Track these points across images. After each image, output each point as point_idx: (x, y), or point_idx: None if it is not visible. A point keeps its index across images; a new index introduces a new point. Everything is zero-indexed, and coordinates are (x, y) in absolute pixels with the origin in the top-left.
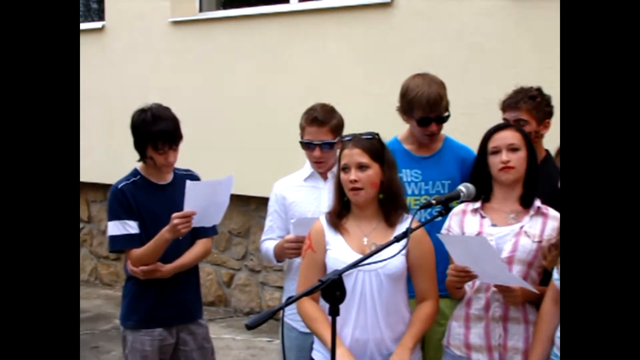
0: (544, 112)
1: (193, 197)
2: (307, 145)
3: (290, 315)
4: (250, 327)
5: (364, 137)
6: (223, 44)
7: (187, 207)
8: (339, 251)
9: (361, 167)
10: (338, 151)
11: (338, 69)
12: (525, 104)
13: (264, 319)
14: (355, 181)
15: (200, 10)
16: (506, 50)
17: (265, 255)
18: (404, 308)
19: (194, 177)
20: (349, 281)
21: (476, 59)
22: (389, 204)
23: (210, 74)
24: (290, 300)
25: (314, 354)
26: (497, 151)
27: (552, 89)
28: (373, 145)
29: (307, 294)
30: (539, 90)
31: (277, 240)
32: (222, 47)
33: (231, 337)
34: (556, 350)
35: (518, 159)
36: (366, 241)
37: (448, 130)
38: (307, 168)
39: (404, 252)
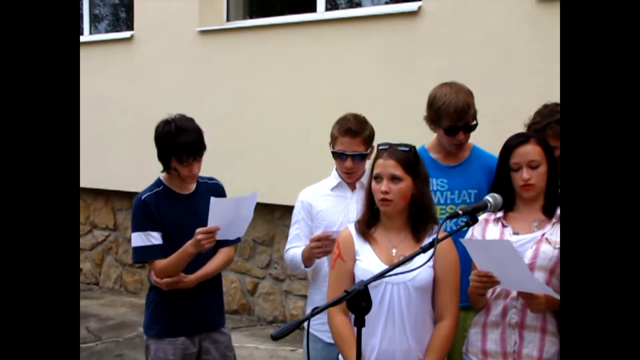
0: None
1: (217, 213)
2: (339, 156)
3: (316, 326)
4: (275, 338)
5: (400, 148)
6: (250, 53)
7: (211, 223)
8: (368, 262)
9: (394, 178)
10: (370, 160)
11: (365, 78)
12: (552, 130)
13: (289, 330)
14: (386, 192)
15: (228, 19)
16: (533, 57)
17: (292, 262)
18: (430, 319)
19: (217, 185)
20: (377, 293)
21: (503, 66)
22: (419, 217)
23: (238, 83)
24: (316, 311)
25: None
26: (518, 168)
27: None
28: (408, 158)
29: (333, 304)
30: (557, 104)
31: (300, 247)
32: (249, 57)
33: (254, 346)
34: None
35: (538, 175)
36: (394, 252)
37: (475, 138)
38: (334, 177)
39: (431, 263)
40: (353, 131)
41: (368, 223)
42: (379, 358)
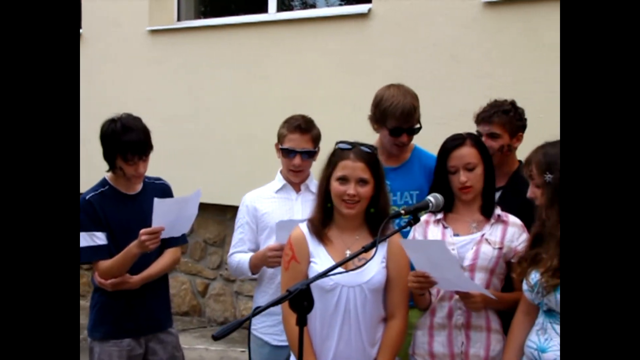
0: (516, 125)
1: (161, 213)
2: (287, 153)
3: (263, 329)
4: (216, 338)
5: (364, 149)
6: (201, 54)
7: (155, 223)
8: (323, 264)
9: (362, 181)
10: (317, 159)
11: (315, 79)
12: (499, 118)
13: (231, 330)
14: (354, 196)
15: (179, 19)
16: (480, 60)
17: (237, 268)
18: (382, 319)
19: (164, 186)
20: (333, 296)
21: (451, 69)
22: (377, 218)
23: (188, 84)
24: (258, 311)
25: None
26: (455, 171)
27: (526, 100)
28: (373, 160)
29: (275, 304)
30: (512, 104)
31: (248, 252)
32: (200, 57)
33: (204, 347)
34: None
35: (475, 177)
36: (348, 253)
37: (423, 140)
38: (279, 180)
39: (384, 264)
40: (302, 128)
41: (323, 222)
42: (337, 358)
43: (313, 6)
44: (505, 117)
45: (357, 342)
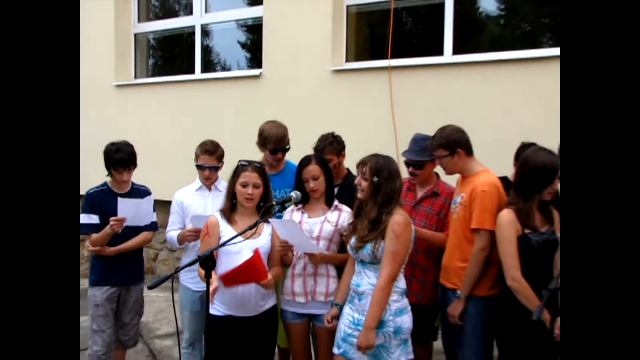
0: (338, 149)
1: (122, 209)
2: (200, 167)
3: (187, 280)
4: (150, 287)
5: (256, 164)
6: (151, 101)
7: (120, 214)
8: (229, 236)
9: (256, 185)
10: (223, 170)
11: (224, 116)
12: (327, 148)
13: (160, 282)
14: (251, 194)
15: (135, 77)
16: (329, 107)
17: (170, 241)
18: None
19: (146, 191)
20: (240, 257)
21: (311, 112)
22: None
23: (143, 122)
24: (178, 269)
25: (212, 310)
26: (307, 180)
27: (358, 133)
28: (263, 172)
29: (190, 264)
30: (332, 135)
31: (177, 231)
32: (149, 104)
33: (155, 294)
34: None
35: (319, 183)
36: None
37: (297, 156)
38: (197, 182)
39: (270, 237)
40: (210, 151)
41: (230, 211)
42: (242, 297)
43: (225, 68)
44: (330, 147)
45: (253, 290)
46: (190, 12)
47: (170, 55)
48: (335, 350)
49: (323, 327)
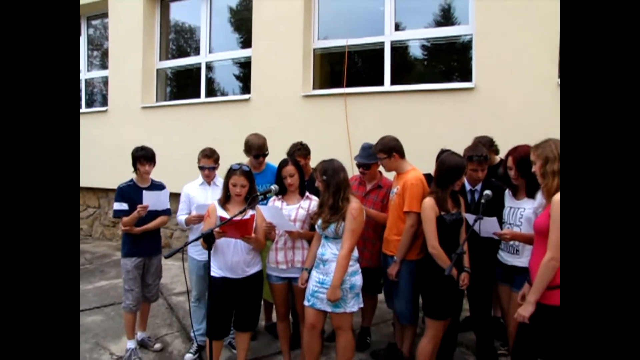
0: (304, 153)
1: (146, 198)
2: (202, 168)
3: (193, 252)
4: (166, 257)
5: (244, 167)
6: (167, 119)
7: (144, 202)
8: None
9: (242, 185)
10: (225, 172)
11: (222, 131)
12: (296, 153)
13: (174, 252)
14: (239, 192)
15: (157, 100)
16: (301, 125)
17: (180, 223)
18: (252, 249)
19: (162, 185)
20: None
21: (285, 129)
22: (249, 197)
23: (164, 135)
24: (187, 242)
25: (212, 273)
26: (284, 177)
27: (321, 145)
28: (249, 174)
29: (195, 240)
30: (300, 143)
31: (185, 215)
32: (168, 121)
33: (171, 263)
34: None
35: (294, 180)
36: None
37: (277, 159)
38: (200, 179)
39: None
40: (208, 155)
41: (225, 201)
42: (232, 264)
43: (223, 94)
44: (299, 151)
45: (241, 258)
46: (198, 53)
47: (182, 85)
48: (306, 303)
49: (299, 286)
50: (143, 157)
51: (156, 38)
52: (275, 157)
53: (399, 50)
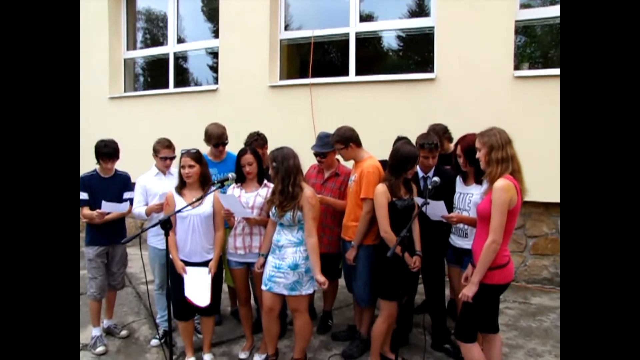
0: (261, 143)
1: (104, 208)
2: (163, 159)
3: (152, 239)
4: (123, 243)
5: (192, 151)
6: (135, 110)
7: (103, 209)
8: (180, 206)
9: (190, 166)
10: (179, 158)
11: (188, 121)
12: (254, 143)
13: (131, 238)
14: (187, 173)
15: (125, 90)
16: (270, 114)
17: (138, 216)
18: (210, 233)
19: (126, 176)
20: (187, 220)
21: (253, 120)
22: (204, 183)
23: (131, 125)
24: (143, 230)
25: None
26: (243, 165)
27: (291, 137)
28: (196, 156)
29: (152, 227)
30: (257, 133)
31: (143, 207)
32: (135, 111)
33: (142, 252)
34: None
35: (252, 168)
36: (194, 199)
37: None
38: (154, 169)
39: (211, 204)
40: (168, 146)
41: (181, 187)
42: (190, 249)
43: (197, 84)
44: (256, 142)
45: (199, 244)
46: (166, 43)
47: (156, 75)
48: (263, 287)
49: (256, 270)
50: (106, 154)
51: (123, 27)
52: (241, 147)
53: (364, 41)
